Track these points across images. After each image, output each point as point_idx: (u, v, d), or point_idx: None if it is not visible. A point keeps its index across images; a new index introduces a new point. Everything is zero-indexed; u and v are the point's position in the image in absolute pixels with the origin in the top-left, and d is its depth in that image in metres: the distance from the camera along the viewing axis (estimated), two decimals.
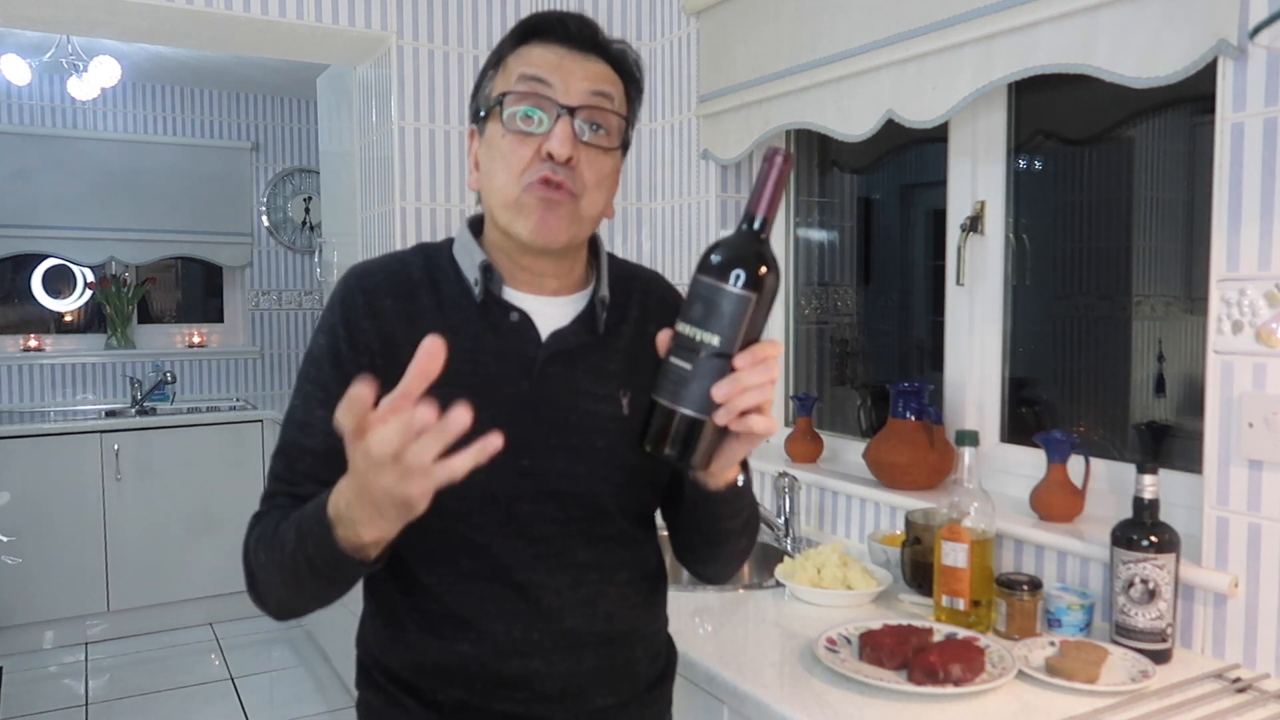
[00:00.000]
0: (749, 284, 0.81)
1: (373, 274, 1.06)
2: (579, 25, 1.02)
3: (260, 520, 1.00)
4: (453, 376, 0.90)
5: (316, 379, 1.03)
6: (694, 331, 0.82)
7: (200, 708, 3.37)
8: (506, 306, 1.04)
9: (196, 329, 4.81)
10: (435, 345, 0.74)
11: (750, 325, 0.83)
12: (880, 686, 1.22)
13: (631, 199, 2.58)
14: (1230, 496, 1.33)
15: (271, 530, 0.95)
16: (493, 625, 1.01)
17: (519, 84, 0.99)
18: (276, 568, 0.94)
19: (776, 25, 2.09)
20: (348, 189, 3.17)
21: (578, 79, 0.99)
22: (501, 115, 1.00)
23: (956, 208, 1.91)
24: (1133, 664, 1.29)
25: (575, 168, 0.98)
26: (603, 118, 1.00)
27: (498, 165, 1.00)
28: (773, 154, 0.84)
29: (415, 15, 2.65)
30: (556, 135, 0.97)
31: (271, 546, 0.94)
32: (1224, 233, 1.32)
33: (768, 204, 0.84)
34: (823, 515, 2.07)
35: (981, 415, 1.89)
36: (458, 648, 1.01)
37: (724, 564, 1.13)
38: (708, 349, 0.81)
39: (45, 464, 3.82)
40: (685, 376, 0.82)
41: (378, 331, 1.02)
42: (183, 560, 4.08)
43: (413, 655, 1.04)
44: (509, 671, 1.01)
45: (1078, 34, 1.46)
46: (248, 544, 0.99)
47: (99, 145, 4.45)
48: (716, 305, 0.81)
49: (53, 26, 2.74)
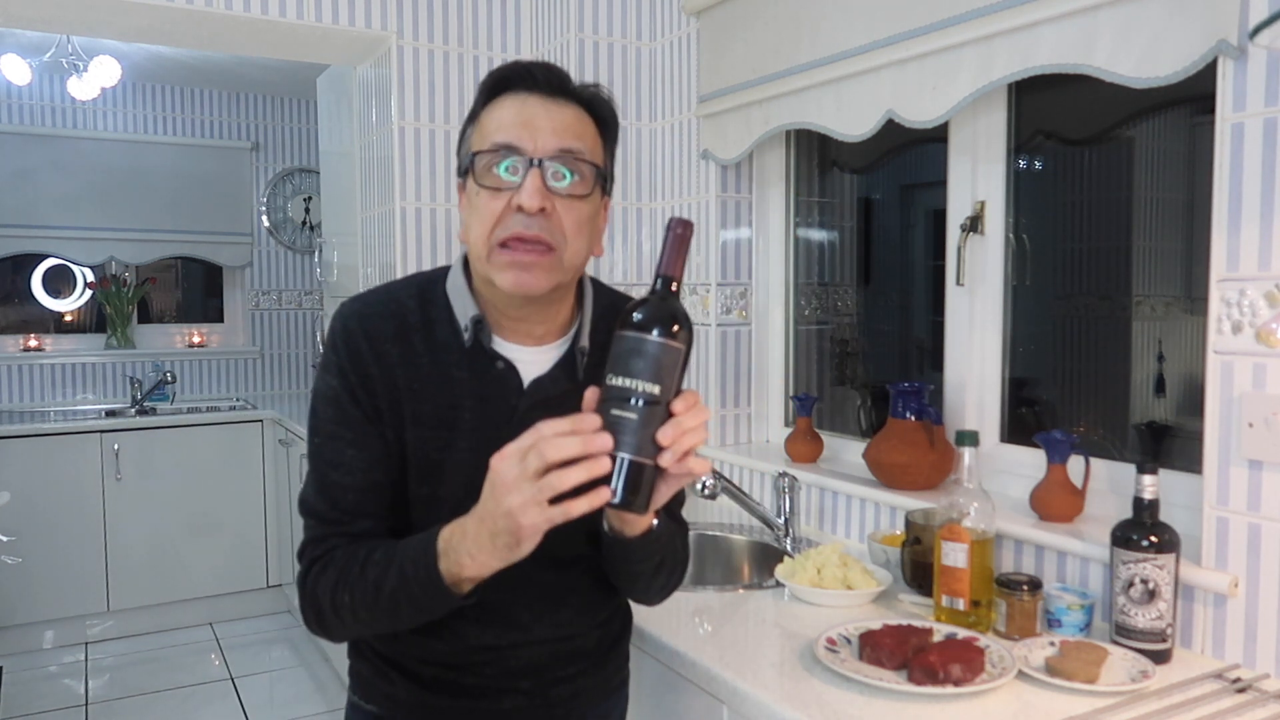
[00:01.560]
0: (682, 334, 0.90)
1: (371, 316, 1.10)
2: (546, 74, 1.05)
3: (326, 563, 1.05)
4: (442, 419, 1.06)
5: (339, 419, 1.07)
6: (633, 383, 0.88)
7: (200, 708, 3.37)
8: (493, 355, 1.09)
9: (196, 329, 4.81)
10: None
11: (682, 371, 0.92)
12: (880, 686, 1.22)
13: (631, 199, 2.58)
14: (1230, 496, 1.33)
15: (356, 573, 1.02)
16: (466, 631, 1.11)
17: (490, 143, 1.02)
18: (366, 606, 1.02)
19: (776, 25, 2.09)
20: (348, 189, 3.17)
21: (546, 132, 1.01)
22: (475, 172, 1.03)
23: (956, 208, 1.91)
24: (1133, 664, 1.28)
25: (551, 217, 1.01)
26: (573, 165, 1.02)
27: (474, 219, 1.04)
28: (672, 221, 0.94)
29: (415, 15, 2.65)
30: (526, 188, 1.00)
31: (358, 588, 1.01)
32: (1224, 233, 1.32)
33: (678, 264, 0.93)
34: (823, 515, 2.07)
35: (981, 415, 1.89)
36: (434, 644, 1.12)
37: (645, 595, 1.19)
38: (648, 398, 0.88)
39: (45, 464, 3.82)
40: (628, 425, 0.87)
41: (383, 378, 1.07)
42: (183, 560, 4.08)
43: (398, 643, 1.14)
44: (481, 660, 1.13)
45: (1078, 34, 1.46)
46: (315, 588, 1.06)
47: (99, 145, 4.45)
48: (654, 357, 0.88)
49: (53, 26, 2.74)
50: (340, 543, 1.06)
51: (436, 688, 1.14)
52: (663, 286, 0.92)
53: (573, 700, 1.19)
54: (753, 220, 2.43)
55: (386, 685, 1.17)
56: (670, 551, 1.13)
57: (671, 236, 0.93)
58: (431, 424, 1.07)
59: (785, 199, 2.43)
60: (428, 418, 1.07)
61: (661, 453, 0.88)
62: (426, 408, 1.07)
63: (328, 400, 1.08)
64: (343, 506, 1.06)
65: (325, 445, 1.08)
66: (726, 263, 2.41)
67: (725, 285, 2.41)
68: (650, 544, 1.06)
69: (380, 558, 1.01)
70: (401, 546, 1.01)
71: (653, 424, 0.88)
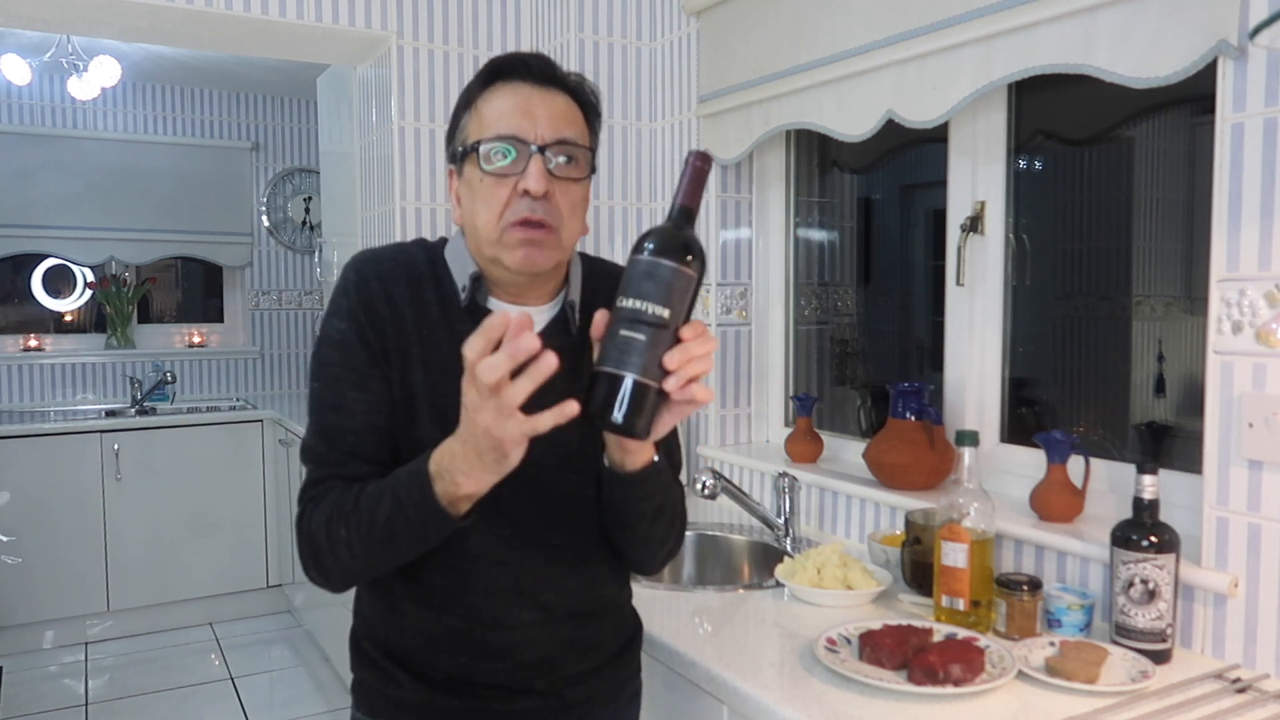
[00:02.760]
0: (695, 263, 0.91)
1: (383, 261, 1.14)
2: (539, 64, 1.10)
3: (320, 502, 1.06)
4: (449, 365, 1.03)
5: (344, 362, 1.09)
6: (644, 305, 0.88)
7: (200, 708, 3.37)
8: (488, 313, 1.08)
9: (196, 329, 4.81)
10: (525, 319, 0.85)
11: (692, 301, 0.92)
12: (880, 686, 1.22)
13: (632, 199, 2.58)
14: (1230, 496, 1.33)
15: (350, 505, 1.03)
16: (478, 600, 1.11)
17: (494, 132, 1.06)
18: (362, 539, 1.02)
19: (776, 25, 2.09)
20: (348, 189, 3.17)
21: (544, 121, 1.07)
22: (479, 158, 1.07)
23: (956, 208, 1.91)
24: (1132, 664, 1.29)
25: (550, 199, 1.06)
26: (571, 151, 1.08)
27: (479, 205, 1.08)
28: (692, 155, 0.95)
29: (415, 15, 2.65)
30: (531, 173, 1.05)
31: (353, 519, 1.02)
32: (1224, 233, 1.32)
33: (695, 196, 0.95)
34: (823, 515, 2.07)
35: (981, 415, 1.89)
36: (446, 620, 1.12)
37: (645, 549, 1.17)
38: (656, 320, 0.88)
39: (45, 464, 3.82)
40: (635, 346, 0.88)
41: (393, 318, 1.10)
42: (183, 560, 4.08)
43: (405, 625, 1.14)
44: (493, 643, 1.12)
45: (1077, 34, 1.46)
46: (310, 524, 1.06)
47: (99, 145, 4.45)
48: (666, 281, 0.89)
49: (53, 26, 2.74)
50: (337, 484, 1.06)
51: (447, 687, 1.13)
52: (680, 216, 0.94)
53: (587, 703, 1.19)
54: (753, 220, 2.43)
55: (393, 690, 1.15)
56: (669, 497, 1.14)
57: (690, 169, 0.95)
58: (440, 368, 1.09)
59: (785, 199, 2.43)
60: (436, 363, 1.09)
61: (667, 377, 0.89)
62: (435, 353, 1.10)
63: (333, 344, 1.10)
64: (341, 448, 1.08)
65: (326, 389, 1.10)
66: (726, 263, 2.41)
67: (725, 285, 2.41)
68: (650, 481, 1.07)
69: (373, 489, 1.02)
70: (394, 476, 1.02)
71: (660, 347, 0.88)
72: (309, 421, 1.12)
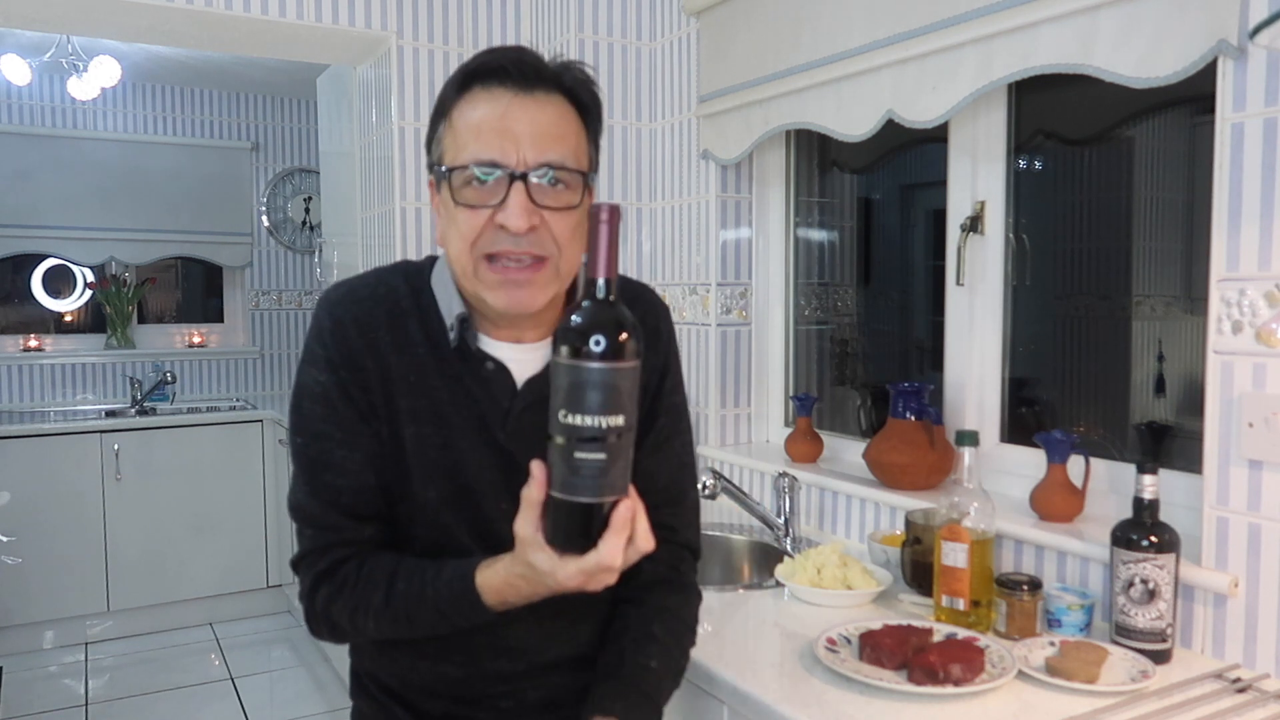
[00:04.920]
0: (637, 347, 0.79)
1: (361, 300, 1.02)
2: (521, 64, 0.94)
3: (338, 584, 1.01)
4: (438, 414, 1.01)
5: (329, 418, 1.00)
6: (598, 420, 0.78)
7: (200, 708, 3.37)
8: (482, 356, 1.02)
9: (196, 329, 4.81)
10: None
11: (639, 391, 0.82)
12: (880, 686, 1.22)
13: (631, 199, 2.58)
14: (1230, 496, 1.33)
15: (380, 603, 0.98)
16: (479, 655, 1.06)
17: (467, 157, 0.93)
18: (392, 631, 1.00)
19: (776, 25, 2.09)
20: (348, 189, 3.17)
21: (527, 140, 0.92)
22: (452, 187, 0.94)
23: (956, 208, 1.91)
24: (1132, 664, 1.28)
25: (539, 229, 0.93)
26: (558, 176, 0.93)
27: (452, 234, 0.96)
28: (596, 210, 0.80)
29: (415, 15, 2.65)
30: (511, 207, 0.91)
31: (384, 617, 0.98)
32: (1224, 233, 1.32)
33: (612, 261, 0.80)
34: (823, 515, 2.07)
35: (981, 415, 1.89)
36: (443, 669, 1.07)
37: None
38: (615, 432, 0.78)
39: (45, 464, 3.82)
40: (602, 467, 0.79)
41: (377, 370, 1.00)
42: (183, 560, 4.08)
43: (401, 671, 1.09)
44: (493, 691, 1.07)
45: (1077, 34, 1.46)
46: (331, 612, 1.01)
47: (99, 145, 4.45)
48: (615, 387, 0.78)
49: (53, 26, 2.74)
50: (344, 555, 1.00)
51: None
52: (605, 291, 0.79)
53: None
54: (753, 220, 2.43)
55: None
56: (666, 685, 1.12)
57: (606, 229, 0.79)
58: (429, 418, 1.00)
59: (785, 199, 2.43)
60: (425, 413, 1.00)
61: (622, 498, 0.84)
62: (423, 402, 1.00)
63: (315, 398, 1.00)
64: (337, 509, 1.00)
65: (312, 445, 1.00)
66: (726, 263, 2.41)
67: (725, 285, 2.41)
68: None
69: (406, 589, 0.97)
70: (432, 583, 0.97)
71: (625, 455, 0.80)
72: (297, 476, 1.03)
